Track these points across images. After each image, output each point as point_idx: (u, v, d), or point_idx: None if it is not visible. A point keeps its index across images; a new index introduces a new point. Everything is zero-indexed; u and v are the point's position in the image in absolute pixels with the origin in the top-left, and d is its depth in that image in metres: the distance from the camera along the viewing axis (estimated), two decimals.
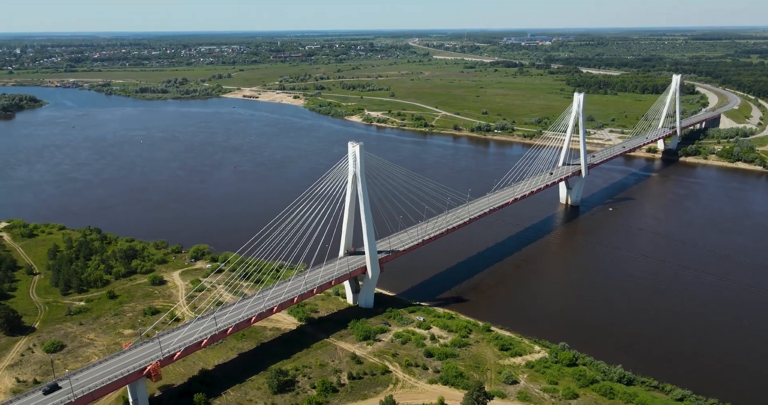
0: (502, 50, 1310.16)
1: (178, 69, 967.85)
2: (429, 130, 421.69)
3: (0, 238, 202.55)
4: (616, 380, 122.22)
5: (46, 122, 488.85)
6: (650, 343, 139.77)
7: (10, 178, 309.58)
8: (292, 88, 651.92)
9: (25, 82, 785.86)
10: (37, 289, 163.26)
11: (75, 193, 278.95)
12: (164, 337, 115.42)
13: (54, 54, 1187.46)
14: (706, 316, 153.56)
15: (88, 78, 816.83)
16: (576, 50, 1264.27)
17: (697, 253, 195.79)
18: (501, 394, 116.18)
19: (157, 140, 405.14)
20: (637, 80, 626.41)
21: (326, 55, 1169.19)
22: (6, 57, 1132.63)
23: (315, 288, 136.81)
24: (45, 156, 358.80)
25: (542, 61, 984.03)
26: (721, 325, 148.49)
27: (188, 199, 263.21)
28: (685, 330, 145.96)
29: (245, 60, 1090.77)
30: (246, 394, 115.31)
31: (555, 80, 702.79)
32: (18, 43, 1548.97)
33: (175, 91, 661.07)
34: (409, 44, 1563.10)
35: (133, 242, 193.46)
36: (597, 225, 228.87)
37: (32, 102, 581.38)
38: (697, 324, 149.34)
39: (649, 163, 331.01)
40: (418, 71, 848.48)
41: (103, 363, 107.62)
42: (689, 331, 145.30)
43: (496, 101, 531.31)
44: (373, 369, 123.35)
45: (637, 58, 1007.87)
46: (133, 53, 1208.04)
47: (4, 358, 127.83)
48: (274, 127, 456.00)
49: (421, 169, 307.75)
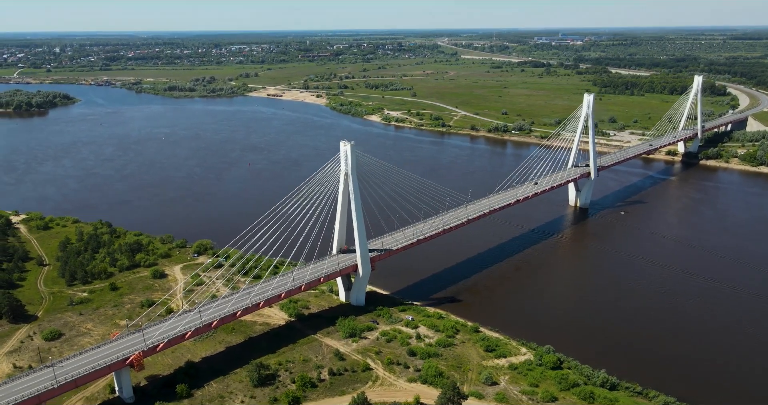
0: (531, 50, 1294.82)
1: (207, 68, 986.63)
2: (446, 130, 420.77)
3: (17, 229, 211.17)
4: (599, 385, 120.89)
5: (77, 119, 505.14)
6: (643, 350, 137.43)
7: (36, 172, 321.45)
8: (316, 87, 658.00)
9: (62, 80, 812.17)
10: (45, 279, 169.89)
11: (95, 187, 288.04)
12: (150, 328, 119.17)
13: (91, 53, 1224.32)
14: (707, 325, 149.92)
15: (121, 76, 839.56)
16: (608, 50, 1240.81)
17: (706, 259, 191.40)
18: (479, 394, 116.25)
19: (180, 138, 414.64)
20: (666, 81, 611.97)
21: (353, 55, 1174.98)
22: (45, 56, 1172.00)
23: (303, 284, 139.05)
24: (71, 152, 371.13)
25: (571, 61, 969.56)
26: (721, 335, 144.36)
27: (201, 196, 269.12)
28: (682, 338, 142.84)
29: (274, 59, 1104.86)
30: (228, 387, 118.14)
31: (582, 80, 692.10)
32: (58, 42, 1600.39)
33: (202, 89, 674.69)
34: (437, 44, 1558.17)
35: (140, 236, 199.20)
36: (605, 228, 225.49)
37: (65, 99, 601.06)
38: (696, 332, 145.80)
39: (668, 166, 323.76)
40: (444, 71, 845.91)
41: (90, 352, 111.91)
42: (686, 339, 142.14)
43: (518, 101, 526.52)
44: (354, 366, 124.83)
45: (671, 58, 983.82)
46: (165, 52, 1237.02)
47: (5, 344, 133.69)
48: (294, 125, 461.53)
49: (434, 170, 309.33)
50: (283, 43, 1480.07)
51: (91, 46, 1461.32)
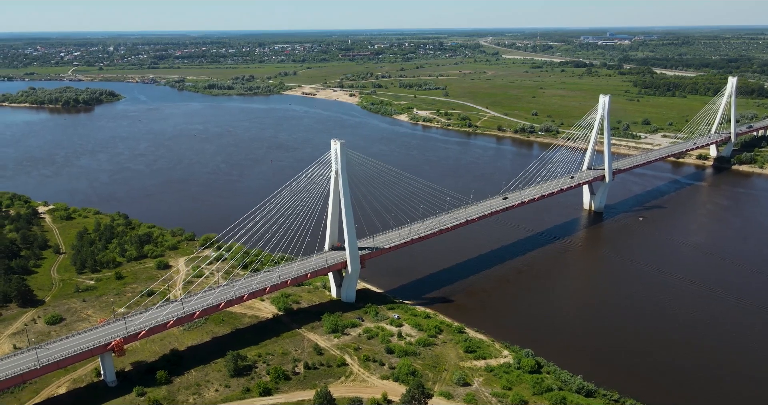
0: (575, 50, 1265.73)
1: (250, 66, 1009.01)
2: (473, 131, 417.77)
3: (42, 219, 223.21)
4: (575, 390, 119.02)
5: (119, 115, 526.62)
6: (633, 359, 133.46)
7: (73, 165, 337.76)
8: (350, 86, 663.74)
9: (111, 78, 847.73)
10: (58, 267, 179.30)
11: (123, 181, 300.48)
12: (135, 316, 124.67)
13: (142, 52, 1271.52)
14: (707, 338, 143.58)
15: (166, 74, 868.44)
16: (656, 50, 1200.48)
17: (721, 268, 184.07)
18: (448, 394, 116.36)
19: (211, 135, 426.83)
20: (711, 82, 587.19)
21: (394, 54, 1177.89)
22: (100, 54, 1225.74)
23: (289, 279, 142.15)
24: (108, 146, 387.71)
25: (615, 62, 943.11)
26: (720, 349, 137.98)
27: (220, 192, 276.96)
28: (677, 348, 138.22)
29: (314, 58, 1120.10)
30: (206, 375, 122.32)
31: (623, 81, 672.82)
32: (113, 42, 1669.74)
33: (240, 87, 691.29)
34: (480, 43, 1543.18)
35: (152, 228, 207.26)
36: (618, 233, 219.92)
37: (111, 96, 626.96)
38: (694, 344, 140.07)
39: (698, 170, 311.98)
40: (482, 71, 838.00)
41: (76, 336, 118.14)
42: (680, 350, 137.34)
43: (551, 102, 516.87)
44: (330, 361, 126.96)
45: (723, 58, 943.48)
46: (211, 51, 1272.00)
47: (10, 326, 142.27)
48: (323, 124, 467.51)
49: (454, 170, 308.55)
50: (326, 42, 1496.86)
51: (143, 45, 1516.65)
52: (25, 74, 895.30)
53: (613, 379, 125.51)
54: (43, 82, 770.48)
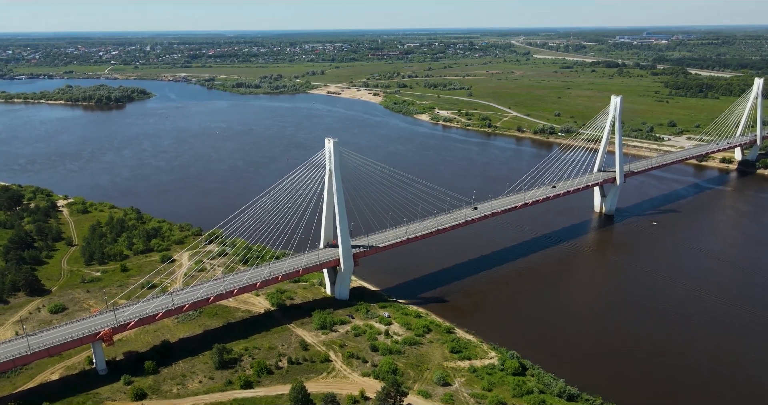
0: (609, 49, 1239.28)
1: (279, 65, 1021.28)
2: (492, 131, 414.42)
3: (60, 212, 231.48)
4: (556, 394, 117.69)
5: (148, 113, 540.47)
6: (625, 367, 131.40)
7: (98, 161, 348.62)
8: (375, 86, 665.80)
9: (144, 76, 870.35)
10: (69, 258, 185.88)
11: (143, 177, 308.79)
12: (128, 307, 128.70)
13: (176, 51, 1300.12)
14: (705, 349, 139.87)
15: (198, 73, 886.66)
16: (694, 50, 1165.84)
17: (732, 276, 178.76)
18: (426, 393, 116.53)
19: (233, 132, 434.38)
20: (747, 83, 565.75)
21: (423, 54, 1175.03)
22: (136, 53, 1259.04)
23: (280, 275, 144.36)
24: (133, 143, 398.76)
25: (649, 62, 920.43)
26: (719, 360, 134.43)
27: (233, 188, 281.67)
28: (673, 357, 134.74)
29: (344, 57, 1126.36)
30: (193, 367, 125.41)
31: (654, 82, 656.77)
32: (150, 41, 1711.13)
33: (266, 86, 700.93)
34: (511, 43, 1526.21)
35: (162, 223, 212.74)
36: (628, 237, 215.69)
37: (142, 94, 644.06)
38: (690, 355, 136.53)
39: (721, 174, 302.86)
40: (510, 71, 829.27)
41: (69, 325, 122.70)
42: (675, 360, 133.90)
43: (576, 103, 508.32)
44: (315, 356, 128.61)
45: (764, 58, 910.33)
46: (243, 50, 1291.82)
47: (16, 314, 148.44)
48: (344, 123, 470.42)
49: (468, 170, 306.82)
50: (356, 41, 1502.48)
51: (179, 44, 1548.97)
52: (64, 72, 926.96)
53: (601, 384, 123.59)
54: (81, 80, 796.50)
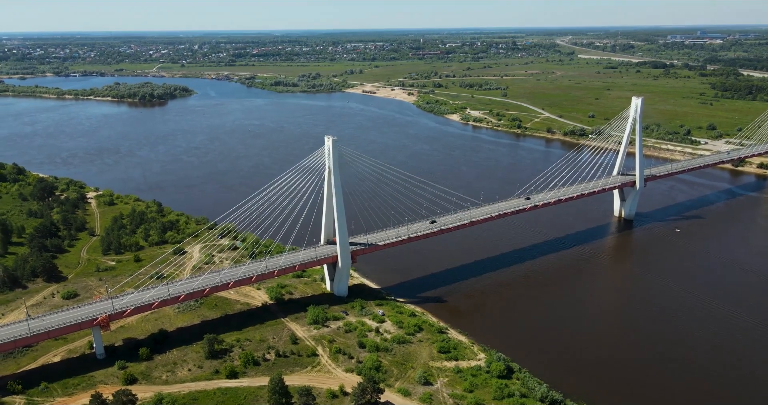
0: (658, 49, 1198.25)
1: (320, 64, 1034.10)
2: (522, 132, 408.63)
3: (88, 203, 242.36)
4: (539, 398, 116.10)
5: (187, 110, 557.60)
6: (619, 374, 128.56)
7: (133, 156, 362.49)
8: (411, 85, 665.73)
9: (189, 75, 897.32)
10: (89, 248, 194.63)
11: (173, 171, 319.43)
12: (125, 296, 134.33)
13: (222, 50, 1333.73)
14: (711, 362, 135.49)
15: (241, 71, 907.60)
16: (751, 50, 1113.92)
17: (754, 288, 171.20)
18: (406, 392, 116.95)
19: (265, 130, 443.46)
20: None
21: (464, 53, 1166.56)
22: (184, 52, 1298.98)
23: (276, 270, 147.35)
24: (169, 139, 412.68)
25: (700, 62, 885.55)
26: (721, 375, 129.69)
27: (255, 184, 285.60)
28: (673, 369, 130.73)
29: (384, 57, 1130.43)
30: (185, 355, 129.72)
31: (701, 83, 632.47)
32: (199, 40, 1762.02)
33: (304, 84, 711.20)
34: (556, 42, 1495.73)
35: (180, 216, 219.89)
36: (647, 243, 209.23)
37: (184, 92, 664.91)
38: (693, 368, 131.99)
39: (758, 180, 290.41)
40: (550, 71, 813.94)
41: (71, 310, 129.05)
42: (677, 373, 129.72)
43: (614, 105, 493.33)
44: (302, 350, 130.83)
45: None
46: (286, 49, 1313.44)
47: (32, 298, 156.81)
48: (374, 121, 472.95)
49: (490, 170, 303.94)
50: (398, 41, 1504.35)
51: (226, 43, 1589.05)
52: (115, 70, 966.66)
53: (590, 392, 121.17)
54: (129, 78, 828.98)
